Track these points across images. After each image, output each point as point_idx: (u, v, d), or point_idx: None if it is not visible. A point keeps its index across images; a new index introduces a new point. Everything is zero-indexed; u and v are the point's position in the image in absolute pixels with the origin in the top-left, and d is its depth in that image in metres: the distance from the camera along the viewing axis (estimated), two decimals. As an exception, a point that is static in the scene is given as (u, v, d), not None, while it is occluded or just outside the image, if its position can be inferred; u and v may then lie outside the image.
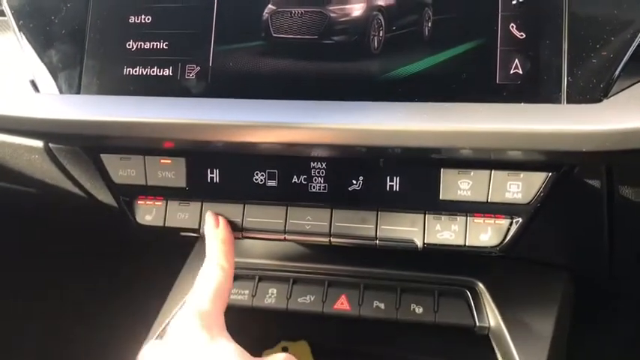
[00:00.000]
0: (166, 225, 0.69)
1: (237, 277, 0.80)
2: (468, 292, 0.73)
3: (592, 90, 0.54)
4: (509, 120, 0.54)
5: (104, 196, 0.74)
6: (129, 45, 0.64)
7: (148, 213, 0.70)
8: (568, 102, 0.55)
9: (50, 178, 0.75)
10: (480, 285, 0.73)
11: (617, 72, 0.53)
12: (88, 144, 0.69)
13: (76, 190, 0.76)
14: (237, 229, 0.67)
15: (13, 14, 0.66)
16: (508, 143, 0.55)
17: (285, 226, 0.66)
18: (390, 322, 0.76)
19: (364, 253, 0.77)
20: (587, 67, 0.54)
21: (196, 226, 0.68)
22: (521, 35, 0.56)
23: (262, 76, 0.61)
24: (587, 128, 0.52)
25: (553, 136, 0.53)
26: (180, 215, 0.69)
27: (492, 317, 0.71)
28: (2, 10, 0.68)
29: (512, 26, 0.56)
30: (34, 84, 0.66)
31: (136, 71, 0.64)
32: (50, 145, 0.70)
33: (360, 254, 0.78)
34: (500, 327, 0.71)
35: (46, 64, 0.66)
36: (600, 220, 0.64)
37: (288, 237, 0.66)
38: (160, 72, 0.63)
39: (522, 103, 0.55)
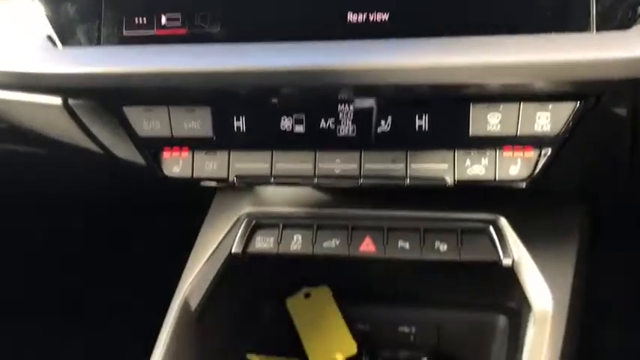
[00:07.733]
0: (194, 176, 0.69)
1: (260, 226, 0.80)
2: (491, 228, 0.75)
3: (621, 16, 0.54)
4: (538, 51, 0.54)
5: (127, 152, 0.73)
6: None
7: (175, 165, 0.69)
8: (597, 30, 0.55)
9: (69, 137, 0.74)
10: (502, 220, 0.75)
11: None
12: (110, 97, 0.68)
13: (96, 147, 0.75)
14: (266, 176, 0.68)
15: None
16: (538, 75, 0.56)
17: (314, 171, 0.67)
18: (413, 263, 0.78)
19: (385, 196, 0.78)
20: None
21: (225, 176, 0.68)
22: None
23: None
24: (617, 55, 0.53)
25: (583, 65, 0.54)
26: (208, 165, 0.68)
27: (516, 251, 0.73)
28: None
29: None
30: (51, 39, 0.64)
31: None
32: (69, 101, 0.69)
33: (382, 197, 0.79)
34: (524, 260, 0.73)
35: (62, 17, 0.64)
36: (625, 147, 0.65)
37: (318, 182, 0.67)
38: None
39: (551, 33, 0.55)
